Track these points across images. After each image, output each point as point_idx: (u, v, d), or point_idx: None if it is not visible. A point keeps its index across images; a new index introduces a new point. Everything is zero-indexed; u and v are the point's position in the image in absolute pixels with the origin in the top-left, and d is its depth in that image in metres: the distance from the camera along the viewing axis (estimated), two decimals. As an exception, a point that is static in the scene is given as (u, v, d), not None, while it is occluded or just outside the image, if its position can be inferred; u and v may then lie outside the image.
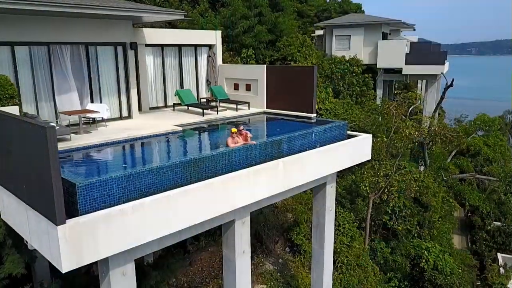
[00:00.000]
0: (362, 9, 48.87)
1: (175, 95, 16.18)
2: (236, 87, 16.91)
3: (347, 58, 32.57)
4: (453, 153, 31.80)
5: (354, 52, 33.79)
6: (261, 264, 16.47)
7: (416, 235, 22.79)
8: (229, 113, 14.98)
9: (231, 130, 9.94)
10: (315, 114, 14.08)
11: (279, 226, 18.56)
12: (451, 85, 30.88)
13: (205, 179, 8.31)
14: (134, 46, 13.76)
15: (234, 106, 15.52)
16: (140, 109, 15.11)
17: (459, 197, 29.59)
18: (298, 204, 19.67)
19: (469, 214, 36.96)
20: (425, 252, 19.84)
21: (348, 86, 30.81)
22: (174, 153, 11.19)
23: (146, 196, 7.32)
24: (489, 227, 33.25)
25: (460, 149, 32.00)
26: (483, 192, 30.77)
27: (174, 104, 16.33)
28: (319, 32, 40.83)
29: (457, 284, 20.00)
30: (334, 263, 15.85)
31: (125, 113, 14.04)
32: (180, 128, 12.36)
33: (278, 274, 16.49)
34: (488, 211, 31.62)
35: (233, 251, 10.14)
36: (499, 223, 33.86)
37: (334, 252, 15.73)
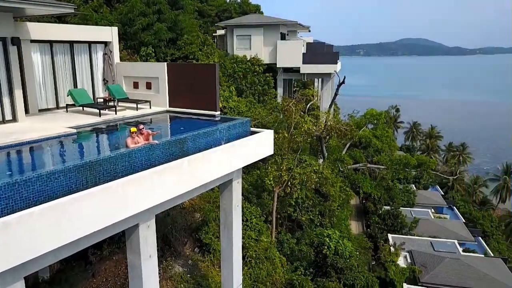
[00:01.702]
0: (261, 10, 50.40)
1: (68, 96, 14.96)
2: (135, 85, 16.21)
3: (248, 58, 33.34)
4: (347, 146, 34.49)
5: (255, 51, 34.71)
6: (170, 267, 16.07)
7: (318, 224, 24.25)
8: (129, 113, 14.30)
9: (130, 130, 9.48)
10: (219, 112, 14.12)
11: (187, 227, 18.28)
12: (343, 82, 33.39)
13: (104, 183, 7.81)
14: (16, 41, 12.35)
15: (134, 105, 14.87)
16: (27, 111, 13.66)
17: (354, 185, 32.17)
18: (206, 203, 19.60)
19: (364, 201, 40.48)
20: (327, 239, 21.22)
21: (251, 85, 31.56)
22: (68, 157, 10.33)
23: (35, 205, 6.63)
24: (380, 212, 36.83)
25: (353, 141, 34.85)
26: (374, 180, 33.86)
27: (67, 105, 15.08)
28: (221, 32, 41.15)
29: (356, 265, 21.74)
30: (243, 258, 16.10)
31: (8, 116, 12.57)
32: (75, 130, 11.45)
33: (188, 275, 16.25)
34: (379, 197, 34.94)
35: (138, 256, 9.71)
36: (388, 207, 37.67)
37: (243, 248, 15.98)
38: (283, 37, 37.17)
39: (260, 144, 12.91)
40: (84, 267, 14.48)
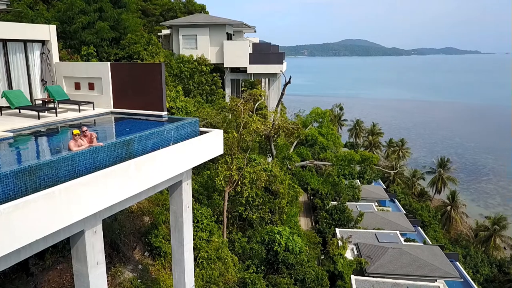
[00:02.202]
0: (206, 10, 50.12)
1: (2, 97, 14.02)
2: (77, 86, 15.51)
3: (195, 58, 33.03)
4: (295, 144, 35.25)
5: (201, 51, 34.46)
6: (119, 273, 15.57)
7: (268, 221, 24.59)
8: (70, 115, 13.67)
9: (72, 132, 9.08)
10: (166, 113, 13.89)
11: (136, 231, 17.81)
12: (289, 82, 34.08)
13: (45, 189, 7.43)
14: None
15: (77, 107, 14.24)
16: (-46, 114, 12.65)
17: (302, 182, 32.93)
18: (155, 206, 19.20)
19: (312, 197, 41.57)
20: (277, 236, 21.58)
21: (198, 85, 31.30)
22: (4, 162, 9.69)
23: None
24: (327, 207, 38.02)
25: (300, 139, 35.67)
26: (321, 176, 34.87)
27: (1, 107, 14.14)
28: (166, 32, 40.40)
29: (306, 260, 22.30)
30: (195, 259, 15.98)
31: None
32: (11, 134, 10.77)
33: (139, 281, 15.84)
34: (326, 193, 36.02)
35: (85, 263, 9.33)
36: (335, 202, 38.97)
37: (194, 249, 15.86)
38: (229, 37, 37.24)
39: (209, 144, 12.88)
40: (25, 279, 13.66)
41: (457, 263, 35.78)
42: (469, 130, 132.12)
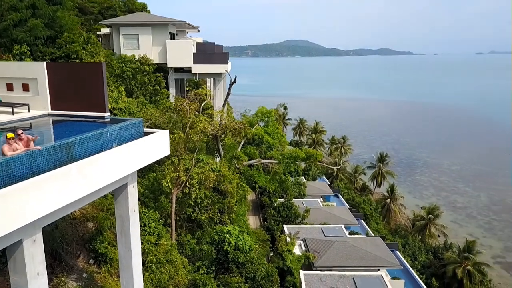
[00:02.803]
0: (147, 9, 48.88)
1: None
2: (9, 87, 14.50)
3: (137, 57, 32.12)
4: (242, 143, 35.43)
5: (143, 51, 33.56)
6: (62, 284, 14.78)
7: (218, 221, 24.53)
8: (3, 118, 12.77)
9: (6, 136, 8.50)
10: (108, 114, 13.40)
11: (79, 238, 17.01)
12: (235, 82, 34.20)
13: (-23, 197, 6.91)
14: None
15: (10, 109, 13.33)
16: None
17: (250, 181, 33.18)
18: (99, 211, 18.45)
19: (259, 195, 41.99)
20: (227, 235, 21.59)
21: (141, 85, 30.49)
22: None
23: None
24: (275, 204, 38.64)
25: (247, 139, 35.92)
26: (268, 174, 35.34)
27: None
28: (106, 31, 38.90)
29: (256, 258, 22.53)
30: (143, 264, 15.57)
31: None
32: None
33: (83, 289, 15.16)
34: (273, 190, 36.58)
35: (24, 275, 8.77)
36: (282, 200, 39.69)
37: (142, 253, 15.47)
38: (172, 36, 36.62)
39: (155, 145, 12.61)
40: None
41: (397, 252, 37.90)
42: (404, 126, 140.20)
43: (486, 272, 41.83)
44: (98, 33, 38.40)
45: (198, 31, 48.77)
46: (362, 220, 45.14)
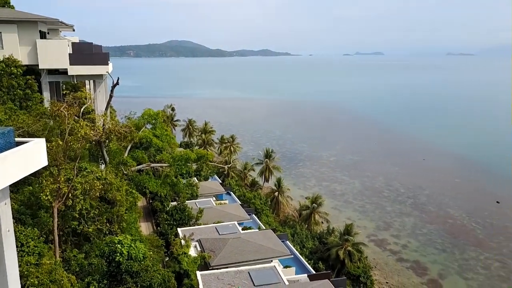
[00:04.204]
0: (10, 4, 43.54)
1: None
2: None
3: (1, 58, 28.52)
4: (129, 148, 33.93)
5: (9, 51, 29.90)
6: None
7: (107, 232, 23.19)
8: None
9: None
10: (-31, 124, 11.76)
11: None
12: (117, 83, 32.57)
13: None
14: None
15: None
16: None
17: (140, 187, 32.03)
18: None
19: (151, 200, 40.80)
20: (119, 245, 20.55)
21: (8, 90, 27.20)
22: None
23: None
24: (167, 208, 37.96)
25: (134, 143, 34.52)
26: (159, 178, 34.52)
27: None
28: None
29: (151, 265, 21.88)
30: (23, 288, 14.03)
31: None
32: None
33: None
34: (165, 194, 35.89)
35: None
36: (175, 203, 39.17)
37: (21, 277, 13.93)
38: (43, 35, 33.30)
39: (28, 156, 11.42)
40: None
41: (287, 242, 40.29)
42: (285, 123, 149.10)
43: (363, 250, 46.94)
44: None
45: (73, 30, 45.20)
46: (254, 215, 46.87)
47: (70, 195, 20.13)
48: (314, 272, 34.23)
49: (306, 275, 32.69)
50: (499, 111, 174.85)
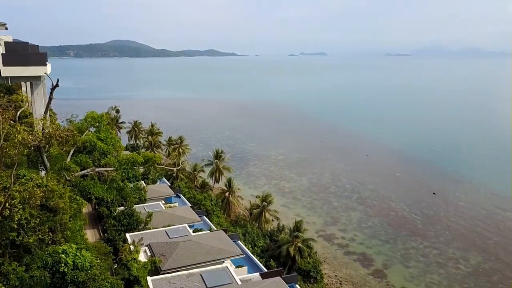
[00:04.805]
0: None
1: None
2: None
3: None
4: (71, 152, 32.41)
5: None
6: None
7: (50, 242, 22.05)
8: None
9: None
10: None
11: None
12: (57, 85, 30.97)
13: None
14: None
15: None
16: None
17: (84, 193, 30.73)
18: None
19: (96, 206, 39.29)
20: (63, 255, 19.61)
21: None
22: None
23: None
24: (115, 214, 36.77)
25: (77, 147, 33.05)
26: (105, 183, 33.32)
27: None
28: None
29: (98, 274, 21.09)
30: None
31: None
32: None
33: None
34: (112, 199, 34.72)
35: None
36: (122, 208, 38.02)
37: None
38: (-30, 33, 30.94)
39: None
40: None
41: (239, 241, 40.49)
42: (234, 123, 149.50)
43: (312, 246, 48.27)
44: None
45: (6, 28, 42.24)
46: (205, 217, 46.61)
47: (7, 204, 18.91)
48: (266, 270, 34.70)
49: (258, 273, 33.05)
50: (433, 106, 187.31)
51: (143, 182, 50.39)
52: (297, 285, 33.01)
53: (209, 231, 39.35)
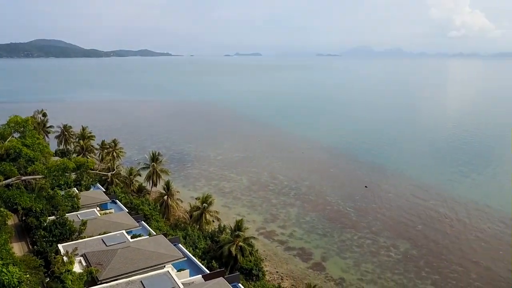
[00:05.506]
0: None
1: None
2: None
3: None
4: (-8, 161, 30.01)
5: None
6: None
7: (-29, 259, 20.28)
8: None
9: None
10: None
11: None
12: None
13: None
14: None
15: None
16: None
17: (10, 203, 28.65)
18: None
19: (24, 217, 36.70)
20: (-13, 272, 18.19)
21: None
22: None
23: None
24: (45, 224, 34.58)
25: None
26: (33, 192, 31.29)
27: None
28: None
29: (28, 289, 19.82)
30: None
31: None
32: None
33: None
34: (41, 209, 32.65)
35: None
36: (53, 217, 35.86)
37: None
38: None
39: None
40: None
41: (180, 244, 40.00)
42: (170, 125, 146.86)
43: (253, 244, 48.85)
44: None
45: None
46: (143, 222, 45.41)
47: None
48: (208, 272, 34.64)
49: (200, 275, 32.92)
50: (361, 104, 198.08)
51: (75, 189, 47.89)
52: (240, 284, 33.34)
53: (148, 236, 38.42)
